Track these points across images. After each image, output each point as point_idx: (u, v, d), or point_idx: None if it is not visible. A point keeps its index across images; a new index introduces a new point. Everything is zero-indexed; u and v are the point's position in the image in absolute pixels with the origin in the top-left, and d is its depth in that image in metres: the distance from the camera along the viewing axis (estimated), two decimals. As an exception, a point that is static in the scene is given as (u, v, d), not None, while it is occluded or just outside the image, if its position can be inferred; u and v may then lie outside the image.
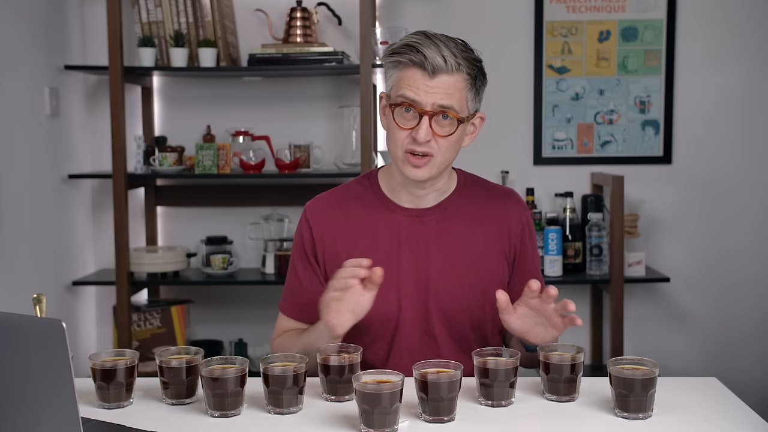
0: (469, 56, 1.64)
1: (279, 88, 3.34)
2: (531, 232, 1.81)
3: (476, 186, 1.81)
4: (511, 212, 1.78)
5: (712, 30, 3.28)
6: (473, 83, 1.65)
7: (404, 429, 1.37)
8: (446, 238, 1.74)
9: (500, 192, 1.83)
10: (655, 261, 3.32)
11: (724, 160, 3.31)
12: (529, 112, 3.33)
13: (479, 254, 1.74)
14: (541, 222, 3.18)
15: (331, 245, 1.75)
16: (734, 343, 3.35)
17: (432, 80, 1.60)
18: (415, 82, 1.61)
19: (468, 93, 1.65)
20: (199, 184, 3.35)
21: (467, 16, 3.29)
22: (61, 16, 3.13)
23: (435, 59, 1.59)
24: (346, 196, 1.79)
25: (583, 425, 1.40)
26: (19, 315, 1.10)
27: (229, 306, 3.41)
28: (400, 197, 1.76)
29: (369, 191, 1.78)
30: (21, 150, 2.81)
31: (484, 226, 1.76)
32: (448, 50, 1.60)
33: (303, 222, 1.79)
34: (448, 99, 1.61)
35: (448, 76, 1.61)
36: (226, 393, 1.42)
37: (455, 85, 1.62)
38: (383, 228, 1.74)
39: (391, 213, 1.75)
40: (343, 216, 1.76)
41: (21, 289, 2.72)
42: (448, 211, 1.76)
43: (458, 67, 1.61)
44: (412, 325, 1.72)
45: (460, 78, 1.62)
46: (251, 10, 3.26)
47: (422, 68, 1.60)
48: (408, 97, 1.62)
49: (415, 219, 1.74)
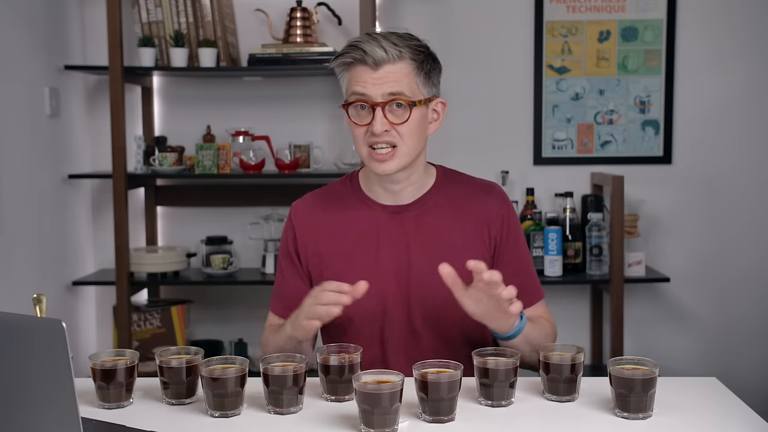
0: (410, 44, 1.67)
1: (279, 88, 3.33)
2: (513, 224, 1.78)
3: (455, 180, 1.81)
4: (491, 205, 1.77)
5: (712, 30, 3.28)
6: (420, 67, 1.67)
7: (404, 429, 1.37)
8: (425, 234, 1.74)
9: (480, 185, 1.82)
10: (655, 261, 3.32)
11: (724, 159, 3.31)
12: (529, 112, 3.33)
13: (458, 249, 1.72)
14: (541, 222, 3.18)
15: (314, 244, 1.77)
16: (734, 343, 3.35)
17: (377, 72, 1.64)
18: (361, 77, 1.65)
19: (416, 78, 1.66)
20: (199, 184, 3.35)
21: (467, 16, 3.29)
22: (61, 17, 3.13)
23: (375, 52, 1.63)
24: (329, 196, 1.82)
25: (583, 425, 1.40)
26: (19, 315, 1.10)
27: (229, 306, 3.41)
28: (378, 195, 1.77)
29: (350, 190, 1.81)
30: (21, 150, 2.81)
31: (463, 220, 1.75)
32: (387, 41, 1.64)
33: (288, 222, 1.82)
34: (396, 86, 1.64)
35: (392, 65, 1.64)
36: (226, 393, 1.42)
37: (401, 72, 1.64)
38: (363, 226, 1.75)
39: (369, 210, 1.76)
40: (325, 215, 1.78)
41: (21, 289, 2.72)
42: (426, 206, 1.76)
43: (400, 54, 1.64)
44: (397, 322, 1.72)
45: (405, 65, 1.65)
46: (251, 10, 3.26)
47: (365, 63, 1.64)
48: (357, 92, 1.65)
49: (394, 215, 1.75)
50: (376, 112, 1.64)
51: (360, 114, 1.67)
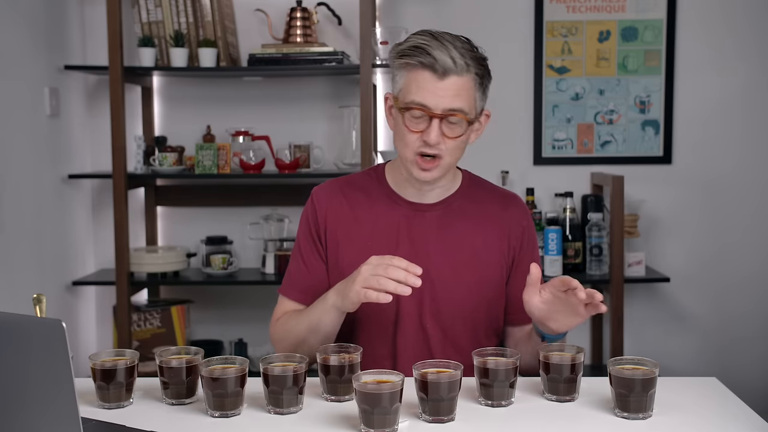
0: (476, 55, 1.65)
1: (279, 88, 3.33)
2: (532, 236, 1.81)
3: (480, 187, 1.83)
4: (512, 215, 1.79)
5: (712, 30, 3.28)
6: (481, 82, 1.66)
7: (404, 429, 1.37)
8: (446, 235, 1.74)
9: (503, 195, 1.84)
10: (655, 261, 3.32)
11: (724, 159, 3.31)
12: (529, 112, 3.33)
13: (478, 254, 1.74)
14: (541, 222, 3.18)
15: (333, 230, 1.76)
16: (734, 342, 3.35)
17: (442, 82, 1.61)
18: (425, 84, 1.61)
19: (476, 93, 1.66)
20: (199, 184, 3.35)
21: (467, 16, 3.29)
22: (61, 17, 3.13)
23: (445, 61, 1.59)
24: (351, 185, 1.81)
25: (583, 425, 1.40)
26: (19, 315, 1.10)
27: (229, 306, 3.41)
28: (404, 191, 1.77)
29: (375, 183, 1.80)
30: (21, 150, 2.81)
31: (484, 226, 1.76)
32: (456, 51, 1.60)
33: (309, 205, 1.80)
34: (458, 101, 1.62)
35: (458, 77, 1.61)
36: (226, 393, 1.42)
37: (464, 86, 1.62)
38: (384, 219, 1.75)
39: (393, 205, 1.76)
40: (347, 203, 1.77)
41: (21, 289, 2.72)
42: (450, 208, 1.76)
43: (467, 68, 1.62)
44: (408, 320, 1.72)
45: (469, 78, 1.63)
46: (251, 10, 3.26)
47: (432, 70, 1.60)
48: (418, 101, 1.62)
49: (417, 213, 1.75)
50: (433, 123, 1.62)
51: (415, 119, 1.64)
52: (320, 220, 1.77)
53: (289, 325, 1.73)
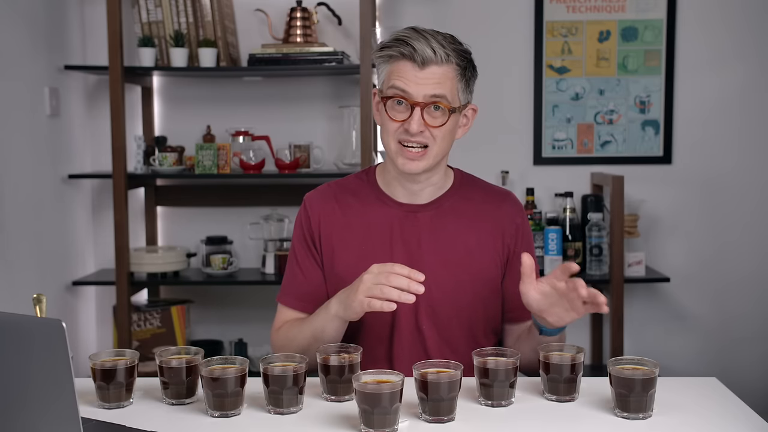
0: (457, 48, 1.66)
1: (279, 88, 3.33)
2: (527, 233, 1.80)
3: (472, 185, 1.82)
4: (506, 212, 1.79)
5: (711, 30, 3.28)
6: (463, 74, 1.67)
7: (404, 429, 1.37)
8: (439, 235, 1.74)
9: (496, 192, 1.83)
10: (655, 261, 3.32)
11: (724, 159, 3.31)
12: (529, 112, 3.33)
13: (472, 253, 1.74)
14: (541, 222, 3.18)
15: (327, 235, 1.76)
16: (734, 342, 3.35)
17: (422, 71, 1.62)
18: (405, 73, 1.63)
19: (458, 83, 1.66)
20: (199, 184, 3.35)
21: (467, 16, 3.29)
22: (61, 17, 3.13)
23: (424, 51, 1.61)
24: (343, 189, 1.81)
25: (583, 425, 1.40)
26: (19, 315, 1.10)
27: (229, 306, 3.41)
28: (395, 192, 1.77)
29: (366, 185, 1.80)
30: (21, 150, 2.81)
31: (478, 225, 1.76)
32: (436, 42, 1.63)
33: (302, 212, 1.81)
34: (439, 89, 1.63)
35: (438, 66, 1.63)
36: (226, 393, 1.42)
37: (445, 75, 1.64)
38: (377, 222, 1.75)
39: (385, 207, 1.76)
40: (339, 208, 1.78)
41: (21, 289, 2.72)
42: (442, 208, 1.76)
43: (447, 58, 1.63)
44: (405, 321, 1.72)
45: (450, 69, 1.64)
46: (251, 10, 3.26)
47: (412, 60, 1.62)
48: (399, 88, 1.63)
49: (409, 214, 1.75)
50: (415, 112, 1.63)
51: (397, 109, 1.65)
52: (314, 226, 1.77)
53: (291, 333, 1.73)
